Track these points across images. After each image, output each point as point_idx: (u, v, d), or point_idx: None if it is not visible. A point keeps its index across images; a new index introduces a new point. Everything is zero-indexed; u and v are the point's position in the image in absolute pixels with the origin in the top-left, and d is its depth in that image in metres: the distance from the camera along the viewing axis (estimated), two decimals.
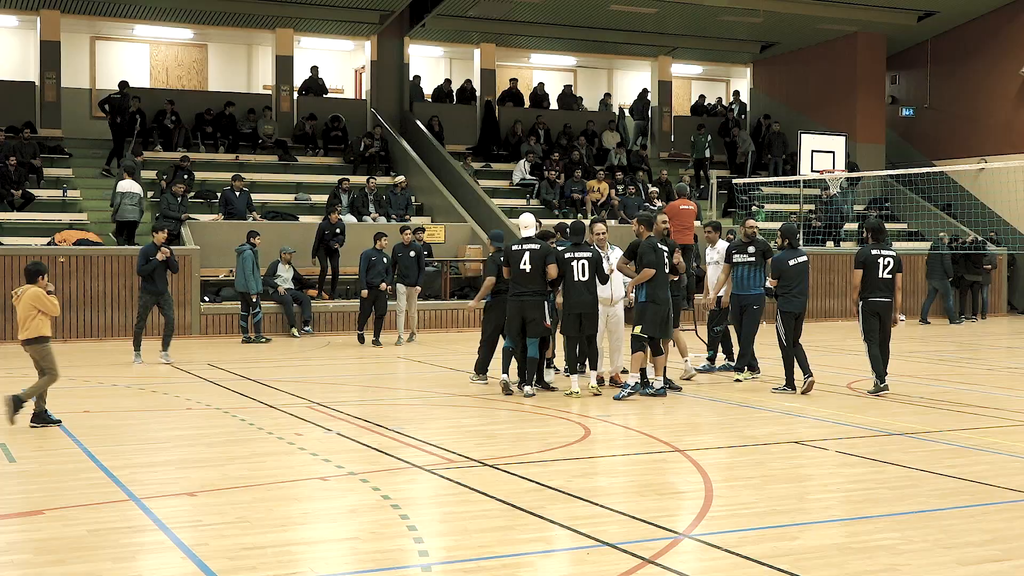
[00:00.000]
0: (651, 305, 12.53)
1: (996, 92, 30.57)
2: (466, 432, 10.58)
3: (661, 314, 12.60)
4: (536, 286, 12.88)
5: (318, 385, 14.11)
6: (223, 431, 10.56)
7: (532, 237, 13.11)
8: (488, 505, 7.48)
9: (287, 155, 27.66)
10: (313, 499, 7.79)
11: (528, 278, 12.87)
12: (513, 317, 13.02)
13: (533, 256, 12.89)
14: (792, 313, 13.32)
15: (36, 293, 10.65)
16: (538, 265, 12.86)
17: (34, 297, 10.62)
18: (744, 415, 11.69)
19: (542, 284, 12.92)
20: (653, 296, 12.54)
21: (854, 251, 27.00)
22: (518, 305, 12.95)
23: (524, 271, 12.88)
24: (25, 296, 10.65)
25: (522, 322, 12.96)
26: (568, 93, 33.51)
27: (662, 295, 12.62)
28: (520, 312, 12.95)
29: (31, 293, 10.64)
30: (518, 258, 12.96)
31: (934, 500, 7.71)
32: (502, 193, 28.11)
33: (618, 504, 7.48)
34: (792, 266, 13.37)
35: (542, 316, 12.90)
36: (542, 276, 12.89)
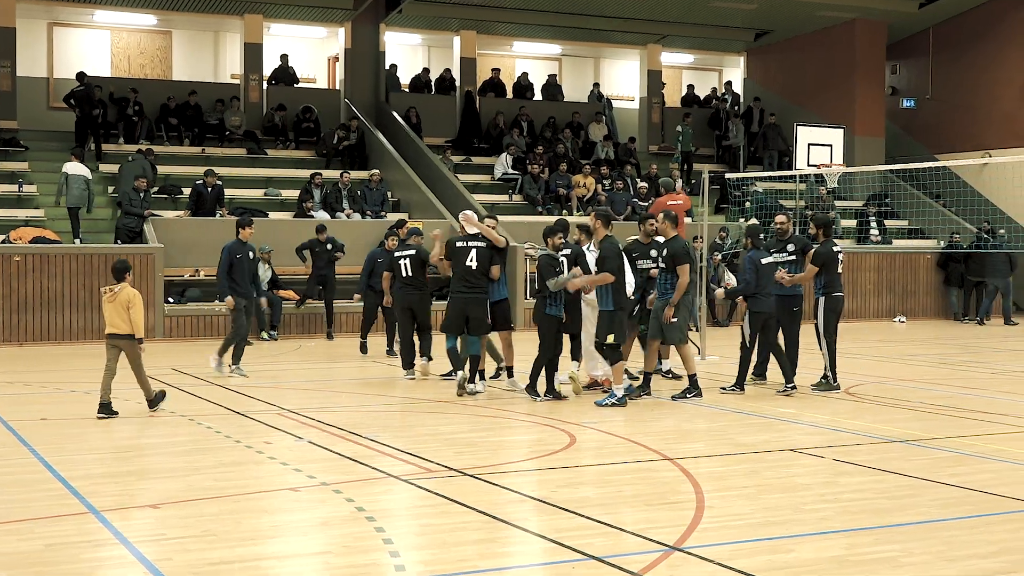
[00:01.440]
0: (619, 312, 12.58)
1: (1001, 82, 30.71)
2: (445, 440, 10.57)
3: (624, 319, 12.74)
4: (480, 284, 13.26)
5: (289, 391, 14.08)
6: (188, 439, 10.52)
7: (478, 235, 13.40)
8: (468, 517, 7.47)
9: (256, 148, 27.60)
10: (283, 511, 7.77)
11: (474, 275, 13.25)
12: (456, 315, 13.39)
13: (480, 253, 13.25)
14: (761, 313, 13.51)
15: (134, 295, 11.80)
16: (484, 263, 13.23)
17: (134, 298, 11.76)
18: (737, 422, 11.72)
19: (486, 282, 13.31)
20: (620, 303, 12.57)
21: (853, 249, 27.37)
22: (461, 303, 13.32)
23: (470, 268, 13.24)
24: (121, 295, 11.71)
25: (465, 320, 13.35)
26: (552, 83, 33.53)
27: (626, 301, 12.71)
28: (463, 310, 13.31)
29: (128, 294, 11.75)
30: (463, 255, 13.28)
31: (936, 510, 7.74)
32: (483, 188, 28.11)
33: (605, 516, 7.48)
34: (764, 265, 13.56)
35: (484, 314, 13.30)
36: (486, 274, 13.30)
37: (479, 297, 13.30)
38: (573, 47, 34.91)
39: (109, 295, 11.80)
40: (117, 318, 11.74)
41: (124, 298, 11.73)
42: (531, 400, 12.87)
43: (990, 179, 30.00)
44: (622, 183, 27.83)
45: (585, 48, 35.15)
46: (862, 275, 27.25)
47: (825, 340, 13.62)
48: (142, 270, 20.68)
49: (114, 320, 11.76)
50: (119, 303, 11.71)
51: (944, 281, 27.85)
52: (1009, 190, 28.28)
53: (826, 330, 13.61)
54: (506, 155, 28.67)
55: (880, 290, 27.49)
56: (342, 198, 24.91)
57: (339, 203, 24.79)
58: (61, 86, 28.21)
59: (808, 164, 25.83)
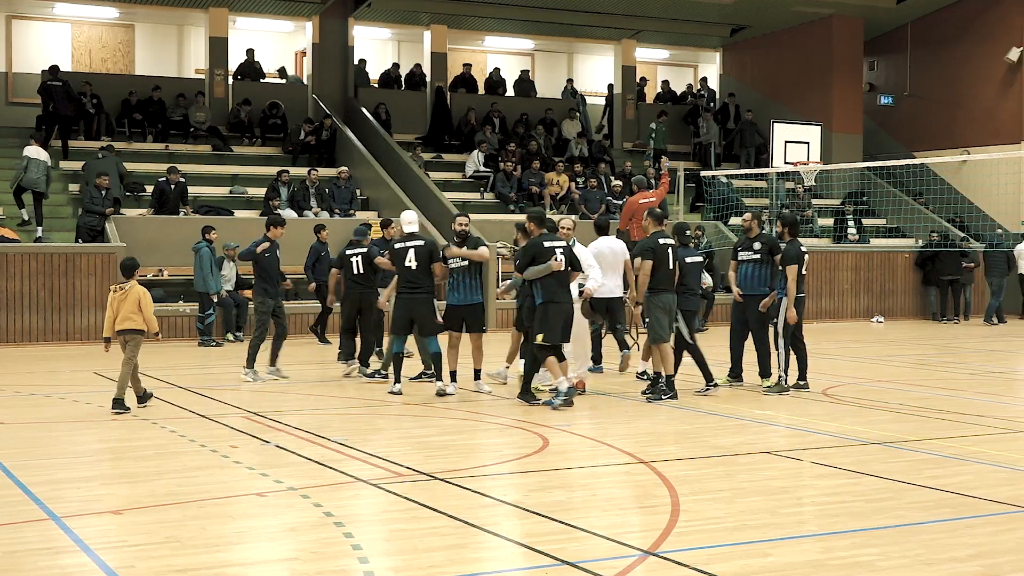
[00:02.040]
0: (551, 306, 12.57)
1: (980, 79, 30.92)
2: (415, 443, 10.55)
3: (563, 316, 12.66)
4: (424, 283, 13.46)
5: (255, 393, 14.03)
6: (151, 443, 10.47)
7: (416, 233, 13.68)
8: (438, 522, 7.47)
9: (221, 144, 27.49)
10: (249, 516, 7.74)
11: (415, 275, 13.44)
12: (401, 316, 13.60)
13: (418, 253, 13.47)
14: (690, 311, 13.89)
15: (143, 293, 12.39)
16: (424, 262, 13.44)
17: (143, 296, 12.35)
18: (713, 424, 11.75)
19: (429, 281, 13.53)
20: (551, 296, 12.57)
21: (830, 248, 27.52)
22: (406, 304, 13.54)
23: (410, 268, 13.47)
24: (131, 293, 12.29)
25: (411, 321, 13.56)
26: (525, 79, 33.55)
27: (563, 295, 12.67)
28: (408, 311, 13.52)
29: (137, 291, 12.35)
30: (402, 256, 13.54)
31: (915, 513, 7.79)
32: (454, 186, 28.09)
33: (578, 520, 7.49)
34: (688, 264, 13.85)
35: (431, 313, 13.52)
36: (428, 273, 13.49)
37: (424, 297, 13.55)
38: (546, 42, 34.93)
39: (120, 292, 12.33)
40: (130, 313, 12.29)
41: (135, 295, 12.30)
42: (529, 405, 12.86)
43: (968, 177, 30.21)
44: (596, 181, 27.87)
45: (558, 43, 35.18)
46: (839, 274, 27.39)
47: (783, 340, 13.68)
48: (103, 270, 20.58)
49: (127, 316, 12.29)
50: (131, 300, 12.28)
51: (922, 281, 28.03)
52: (988, 188, 28.49)
53: (785, 331, 13.66)
54: (478, 152, 28.66)
55: (858, 290, 27.64)
56: (309, 196, 24.84)
57: (306, 201, 24.73)
58: (20, 81, 28.05)
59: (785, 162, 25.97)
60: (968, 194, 30.30)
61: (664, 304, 13.21)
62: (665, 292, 13.21)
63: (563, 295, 12.67)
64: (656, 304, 13.18)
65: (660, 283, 13.15)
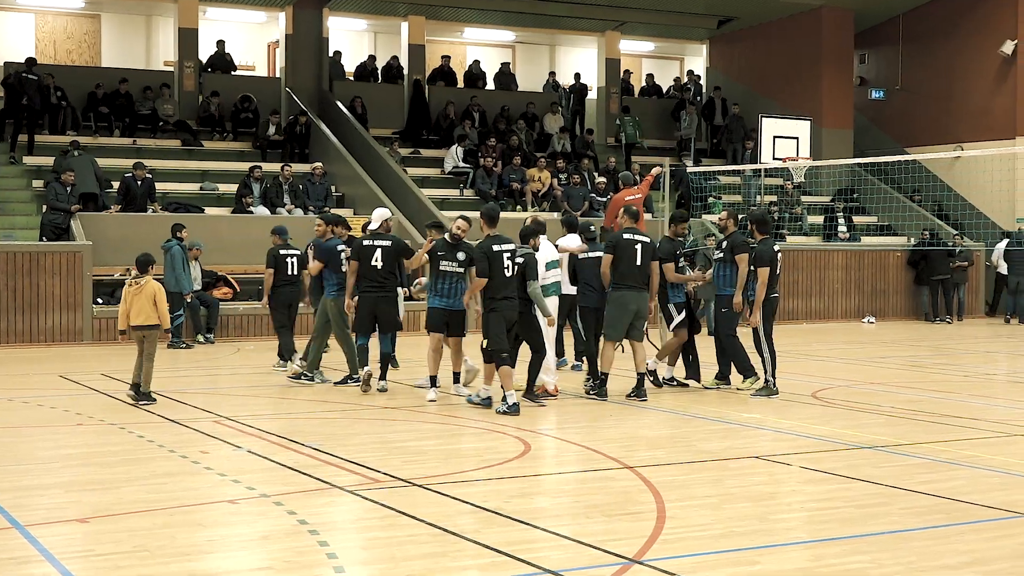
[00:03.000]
0: (492, 314, 12.63)
1: (973, 73, 31.04)
2: (392, 448, 10.55)
3: (506, 321, 12.68)
4: (387, 283, 13.79)
5: (226, 397, 14.00)
6: (119, 449, 10.44)
7: (381, 233, 13.98)
8: (417, 529, 7.46)
9: (191, 139, 27.41)
10: (221, 524, 7.73)
11: (379, 274, 13.75)
12: (364, 314, 13.90)
13: (385, 253, 13.76)
14: (588, 308, 14.19)
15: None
16: (390, 262, 13.72)
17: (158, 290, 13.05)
18: (699, 428, 11.77)
19: (394, 281, 13.88)
20: (492, 304, 12.64)
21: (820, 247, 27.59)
22: (370, 302, 13.82)
23: (376, 268, 13.75)
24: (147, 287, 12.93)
25: (374, 319, 13.88)
26: (506, 72, 33.55)
27: (503, 302, 12.66)
28: (372, 309, 13.83)
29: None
30: (369, 254, 13.77)
31: (907, 519, 7.82)
32: (432, 182, 28.07)
33: (561, 527, 7.50)
34: (580, 260, 14.21)
35: (395, 312, 13.93)
36: (394, 272, 13.81)
37: (388, 296, 13.89)
38: (527, 34, 34.95)
39: (135, 288, 12.93)
40: (145, 309, 12.91)
41: (150, 290, 12.94)
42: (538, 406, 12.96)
43: (962, 173, 30.32)
44: (579, 177, 27.90)
45: (540, 35, 35.20)
46: (829, 274, 27.48)
47: (766, 343, 13.68)
48: (69, 269, 20.50)
49: (143, 311, 12.91)
50: (145, 295, 12.90)
51: (915, 280, 28.14)
52: (981, 185, 28.60)
53: (767, 332, 13.69)
54: (457, 147, 28.65)
55: (848, 289, 27.73)
56: (283, 193, 24.78)
57: (280, 198, 24.67)
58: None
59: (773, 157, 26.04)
60: (961, 191, 30.42)
61: (619, 301, 13.34)
62: (626, 289, 13.37)
63: (504, 302, 12.66)
64: (612, 300, 13.42)
65: (621, 279, 13.37)
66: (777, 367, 13.91)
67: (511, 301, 12.71)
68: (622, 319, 13.37)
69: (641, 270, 13.39)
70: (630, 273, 13.36)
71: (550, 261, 13.64)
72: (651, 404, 13.22)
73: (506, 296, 12.65)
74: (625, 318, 13.36)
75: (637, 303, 13.38)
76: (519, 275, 12.82)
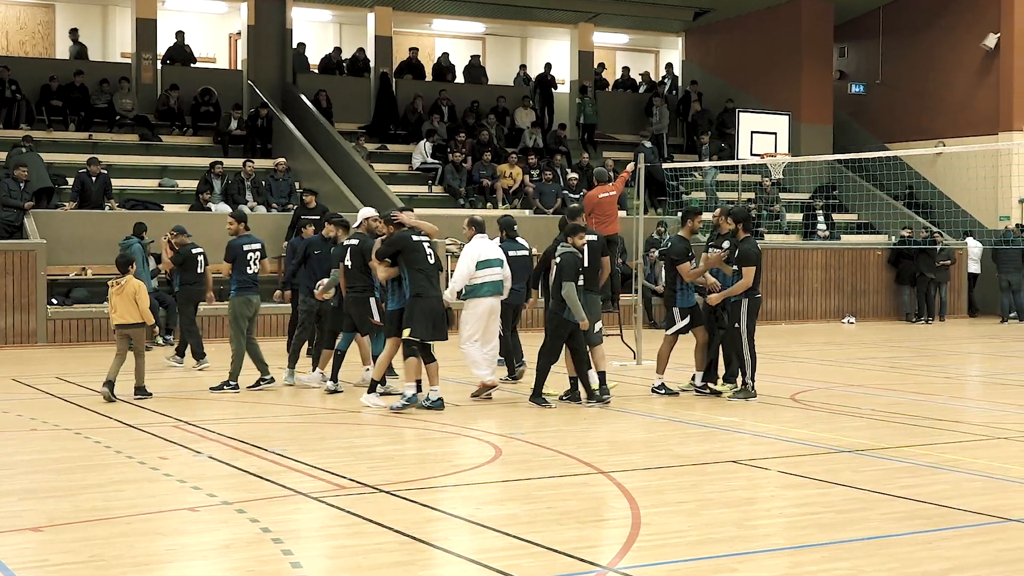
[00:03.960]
0: (420, 300, 12.65)
1: (955, 66, 31.21)
2: (359, 454, 10.54)
3: (433, 312, 12.72)
4: (357, 283, 13.82)
5: (186, 400, 13.95)
6: (74, 455, 10.39)
7: (361, 231, 14.03)
8: (384, 537, 7.46)
9: (149, 134, 27.28)
10: (180, 533, 7.70)
11: (349, 275, 13.84)
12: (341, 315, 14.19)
13: (353, 252, 13.85)
14: (510, 305, 14.65)
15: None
16: (358, 261, 13.74)
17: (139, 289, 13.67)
18: (675, 432, 11.81)
19: (364, 280, 13.82)
20: (420, 291, 12.65)
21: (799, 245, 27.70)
22: (346, 302, 14.02)
23: (346, 267, 13.89)
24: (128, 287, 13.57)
25: (350, 319, 14.07)
26: (476, 64, 33.53)
27: (432, 291, 12.73)
28: (346, 309, 14.03)
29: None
30: (341, 254, 14.03)
31: (887, 525, 7.86)
32: (400, 179, 28.04)
33: (533, 534, 7.50)
34: (511, 257, 14.44)
35: (366, 313, 13.87)
36: (364, 272, 13.75)
37: (357, 296, 13.92)
38: (498, 25, 34.92)
39: (117, 288, 13.59)
40: (127, 308, 13.57)
41: (131, 289, 13.56)
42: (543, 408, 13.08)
43: (944, 170, 30.49)
44: (551, 173, 27.92)
45: (511, 27, 35.18)
46: (808, 273, 27.59)
47: (748, 345, 13.65)
48: (22, 268, 20.37)
49: (125, 310, 13.58)
50: (127, 294, 13.54)
51: (896, 279, 28.28)
52: (963, 181, 28.77)
53: (750, 334, 13.68)
54: (425, 143, 28.62)
55: (828, 289, 27.85)
56: (245, 189, 24.71)
57: (242, 195, 24.59)
58: None
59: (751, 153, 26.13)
60: (943, 188, 30.58)
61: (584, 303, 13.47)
62: (586, 291, 13.48)
63: (431, 291, 12.73)
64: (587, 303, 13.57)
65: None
66: (756, 370, 13.94)
67: (437, 291, 12.78)
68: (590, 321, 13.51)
69: (588, 271, 13.46)
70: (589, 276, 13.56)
71: (489, 259, 13.75)
72: (626, 407, 13.24)
73: (432, 286, 12.72)
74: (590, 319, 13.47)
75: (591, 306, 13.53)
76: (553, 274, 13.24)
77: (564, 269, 12.96)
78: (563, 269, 12.95)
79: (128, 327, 13.63)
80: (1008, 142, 28.78)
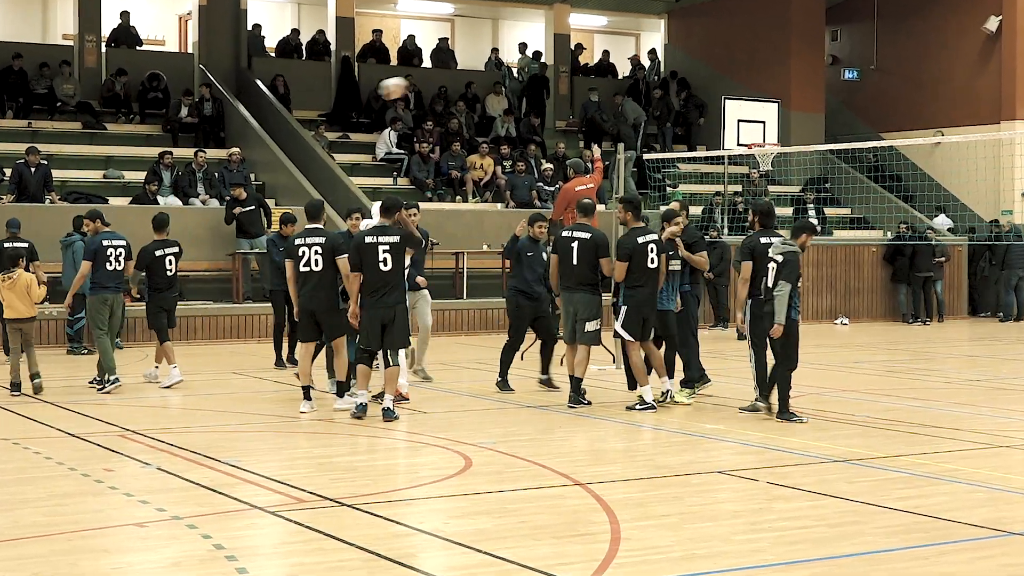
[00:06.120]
0: (364, 306, 12.73)
1: (954, 52, 31.36)
2: (319, 465, 10.52)
3: (379, 320, 12.70)
4: (325, 282, 13.39)
5: (134, 408, 13.89)
6: (12, 467, 10.34)
7: (317, 229, 13.55)
8: (346, 554, 7.45)
9: (93, 121, 27.17)
10: (127, 550, 7.68)
11: (316, 275, 13.38)
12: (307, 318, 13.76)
13: (322, 249, 13.49)
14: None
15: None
16: (327, 260, 13.43)
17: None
18: (657, 440, 11.83)
19: (332, 279, 13.52)
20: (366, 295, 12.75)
21: None
22: (307, 303, 13.62)
23: (311, 268, 13.49)
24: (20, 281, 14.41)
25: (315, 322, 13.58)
26: (444, 48, 33.51)
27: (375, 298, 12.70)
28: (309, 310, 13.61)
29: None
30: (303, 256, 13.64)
31: (883, 539, 7.90)
32: (363, 170, 28.00)
33: (505, 550, 7.51)
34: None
35: (334, 312, 13.37)
36: (331, 271, 13.43)
37: (324, 296, 13.60)
38: (467, 6, 34.93)
39: (8, 283, 14.37)
40: (19, 303, 14.40)
41: (23, 283, 14.36)
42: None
43: (942, 161, 30.63)
44: (524, 165, 27.91)
45: (481, 7, 35.19)
46: None
47: (754, 351, 13.41)
48: None
49: (16, 305, 14.41)
50: (19, 288, 14.34)
51: (892, 278, 28.38)
52: (963, 173, 28.89)
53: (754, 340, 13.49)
54: (390, 131, 28.58)
55: (819, 288, 27.92)
56: (196, 181, 24.61)
57: (193, 187, 24.50)
58: None
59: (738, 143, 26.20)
60: (942, 180, 30.71)
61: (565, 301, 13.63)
62: (563, 290, 13.68)
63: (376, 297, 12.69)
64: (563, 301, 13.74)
65: (560, 279, 13.68)
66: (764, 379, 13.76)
67: (387, 297, 12.72)
68: (566, 321, 13.70)
69: (578, 269, 13.48)
70: (566, 273, 13.62)
71: None
72: (605, 415, 13.25)
73: (383, 293, 12.69)
74: (567, 320, 13.65)
75: (573, 304, 13.58)
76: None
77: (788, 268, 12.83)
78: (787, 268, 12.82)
79: (21, 321, 14.48)
80: (1011, 131, 28.91)
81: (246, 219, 22.69)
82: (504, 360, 15.06)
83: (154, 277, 15.72)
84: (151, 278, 15.75)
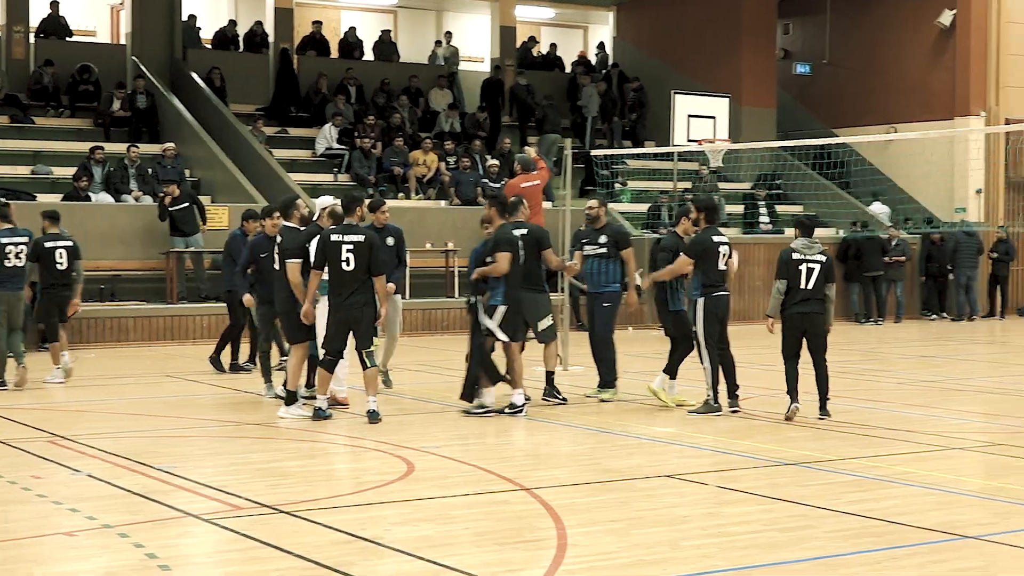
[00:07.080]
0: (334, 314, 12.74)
1: (908, 45, 31.56)
2: (255, 470, 10.49)
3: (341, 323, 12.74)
4: (284, 283, 13.27)
5: (63, 413, 13.80)
6: None
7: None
8: (284, 563, 7.43)
9: (21, 115, 26.94)
10: (56, 560, 7.63)
11: (279, 275, 13.38)
12: (266, 321, 14.14)
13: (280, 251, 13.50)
14: None
15: None
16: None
17: None
18: (605, 444, 11.86)
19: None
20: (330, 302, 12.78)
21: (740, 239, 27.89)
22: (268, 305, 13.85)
23: (273, 269, 13.57)
24: None
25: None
26: (386, 40, 33.46)
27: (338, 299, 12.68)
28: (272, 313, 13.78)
29: None
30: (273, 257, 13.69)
31: (835, 543, 7.95)
32: (302, 166, 27.92)
33: (448, 558, 7.51)
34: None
35: (293, 313, 13.17)
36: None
37: (283, 297, 13.51)
38: None
39: None
40: None
41: None
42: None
43: (896, 157, 30.86)
44: (469, 160, 27.92)
45: None
46: (750, 269, 27.72)
47: (707, 351, 13.55)
48: None
49: None
50: None
51: (844, 277, 28.55)
52: (917, 168, 29.13)
53: (707, 338, 13.64)
54: (330, 126, 28.50)
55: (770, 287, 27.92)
56: (129, 177, 24.45)
57: (125, 183, 24.33)
58: None
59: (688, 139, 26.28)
60: (895, 177, 30.95)
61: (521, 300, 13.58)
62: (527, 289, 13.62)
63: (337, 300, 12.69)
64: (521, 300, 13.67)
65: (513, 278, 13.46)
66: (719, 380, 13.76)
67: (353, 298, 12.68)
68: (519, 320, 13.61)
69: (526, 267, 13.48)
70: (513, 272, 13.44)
71: None
72: (552, 417, 13.27)
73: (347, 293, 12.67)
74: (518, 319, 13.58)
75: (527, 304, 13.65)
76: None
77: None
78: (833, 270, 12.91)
79: None
80: (964, 127, 29.19)
81: (180, 217, 22.57)
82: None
83: (44, 272, 15.68)
84: (42, 273, 15.71)
